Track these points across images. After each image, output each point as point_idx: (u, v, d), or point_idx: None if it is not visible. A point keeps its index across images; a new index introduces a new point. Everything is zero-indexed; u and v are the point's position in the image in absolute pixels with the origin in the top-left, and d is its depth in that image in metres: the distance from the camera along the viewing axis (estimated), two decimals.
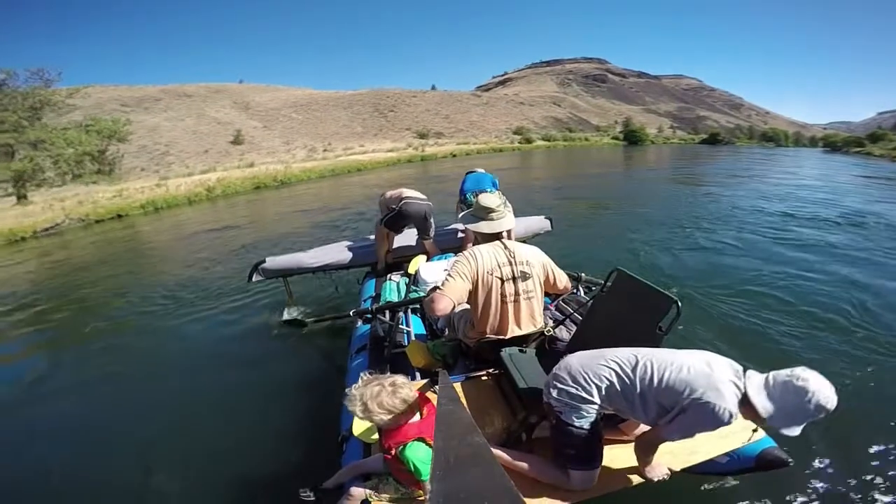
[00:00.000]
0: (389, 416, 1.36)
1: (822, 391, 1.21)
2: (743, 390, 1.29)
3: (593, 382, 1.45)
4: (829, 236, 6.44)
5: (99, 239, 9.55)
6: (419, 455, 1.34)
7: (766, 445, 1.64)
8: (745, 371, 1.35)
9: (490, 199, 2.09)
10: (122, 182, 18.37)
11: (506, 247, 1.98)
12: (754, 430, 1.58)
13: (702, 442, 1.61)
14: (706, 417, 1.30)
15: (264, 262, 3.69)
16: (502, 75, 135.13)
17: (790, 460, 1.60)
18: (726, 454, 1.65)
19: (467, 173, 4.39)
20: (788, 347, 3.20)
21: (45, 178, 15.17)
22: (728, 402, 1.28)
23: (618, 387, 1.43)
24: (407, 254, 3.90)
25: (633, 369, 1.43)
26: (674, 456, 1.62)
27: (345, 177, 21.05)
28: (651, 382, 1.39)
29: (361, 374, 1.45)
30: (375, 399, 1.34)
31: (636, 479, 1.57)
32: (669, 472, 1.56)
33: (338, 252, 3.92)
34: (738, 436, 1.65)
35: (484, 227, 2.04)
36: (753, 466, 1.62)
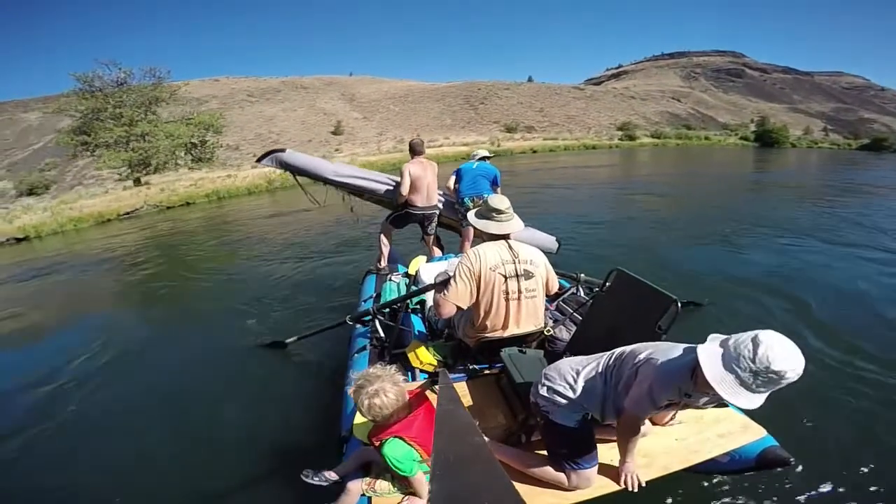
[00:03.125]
0: (381, 415, 1.43)
1: (779, 353, 1.02)
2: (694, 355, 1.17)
3: (579, 381, 1.44)
4: None
5: (147, 225, 10.75)
6: (395, 453, 1.43)
7: (768, 444, 1.62)
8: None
9: (501, 200, 2.10)
10: (222, 169, 20.88)
11: (510, 246, 2.01)
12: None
13: (702, 441, 1.64)
14: (650, 374, 1.25)
15: (284, 151, 3.66)
16: (616, 68, 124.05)
17: (791, 459, 1.57)
18: (727, 453, 1.63)
19: (461, 166, 4.25)
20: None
21: (152, 165, 17.90)
22: (672, 355, 1.24)
23: (598, 381, 1.42)
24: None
25: (610, 362, 1.42)
26: (674, 455, 1.60)
27: None
28: (613, 367, 1.39)
29: (351, 374, 1.58)
30: (363, 403, 1.43)
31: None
32: (642, 483, 1.49)
33: (359, 174, 3.95)
34: (738, 435, 1.65)
35: (493, 227, 2.05)
36: (754, 465, 1.61)
